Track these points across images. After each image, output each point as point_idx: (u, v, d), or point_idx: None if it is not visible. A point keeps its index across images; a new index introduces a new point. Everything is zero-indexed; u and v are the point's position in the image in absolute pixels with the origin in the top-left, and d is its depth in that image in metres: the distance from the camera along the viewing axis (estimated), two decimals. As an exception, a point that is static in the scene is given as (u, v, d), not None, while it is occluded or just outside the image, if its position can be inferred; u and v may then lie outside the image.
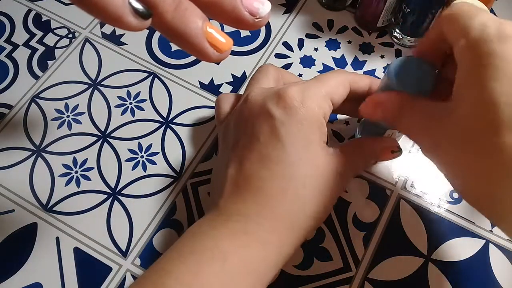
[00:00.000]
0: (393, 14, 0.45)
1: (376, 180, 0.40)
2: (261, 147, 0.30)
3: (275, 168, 0.29)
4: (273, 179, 0.29)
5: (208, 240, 0.28)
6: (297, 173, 0.29)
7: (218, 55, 0.21)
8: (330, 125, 0.43)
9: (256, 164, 0.29)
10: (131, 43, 0.46)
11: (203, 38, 0.20)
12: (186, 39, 0.20)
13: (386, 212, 0.39)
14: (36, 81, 0.44)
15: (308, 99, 0.30)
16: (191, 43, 0.20)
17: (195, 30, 0.20)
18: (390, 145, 0.35)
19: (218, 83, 0.44)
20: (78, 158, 0.40)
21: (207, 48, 0.20)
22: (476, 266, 0.37)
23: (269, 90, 0.32)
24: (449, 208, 0.39)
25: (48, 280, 0.36)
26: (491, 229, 0.38)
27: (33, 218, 0.38)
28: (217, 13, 0.21)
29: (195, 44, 0.20)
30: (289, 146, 0.29)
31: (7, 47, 0.46)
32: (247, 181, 0.29)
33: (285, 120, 0.29)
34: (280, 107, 0.30)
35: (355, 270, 0.37)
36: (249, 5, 0.21)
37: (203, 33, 0.20)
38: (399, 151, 0.35)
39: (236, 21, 0.21)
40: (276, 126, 0.29)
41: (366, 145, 0.34)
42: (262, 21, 0.21)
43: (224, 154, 0.33)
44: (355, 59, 0.46)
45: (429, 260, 0.37)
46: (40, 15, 0.48)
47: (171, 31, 0.20)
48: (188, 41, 0.20)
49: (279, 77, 0.37)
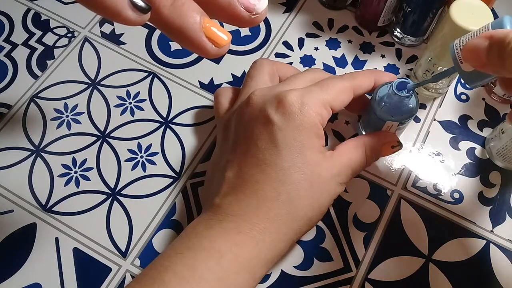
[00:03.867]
0: (394, 13, 0.45)
1: (376, 180, 0.40)
2: (258, 152, 0.31)
3: (270, 173, 0.30)
4: (267, 183, 0.30)
5: (204, 240, 0.29)
6: (290, 178, 0.30)
7: (217, 50, 0.21)
8: (330, 125, 0.42)
9: (253, 168, 0.30)
10: (131, 43, 0.46)
11: (201, 32, 0.20)
12: (184, 34, 0.20)
13: (386, 212, 0.39)
14: (35, 80, 0.44)
15: (307, 106, 0.31)
16: (189, 37, 0.20)
17: (192, 24, 0.19)
18: (390, 139, 0.35)
19: (218, 83, 0.44)
20: (78, 158, 0.40)
21: (205, 42, 0.20)
22: (477, 266, 0.37)
23: (269, 93, 0.33)
24: (449, 208, 0.39)
25: (48, 280, 0.35)
26: (492, 229, 0.38)
27: (32, 219, 0.38)
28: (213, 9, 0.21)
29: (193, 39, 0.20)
30: (285, 151, 0.30)
31: (6, 46, 0.45)
32: (244, 184, 0.30)
33: (282, 126, 0.30)
34: (279, 112, 0.31)
35: (355, 271, 0.36)
36: (245, 1, 0.20)
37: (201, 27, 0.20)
38: (399, 145, 0.36)
39: (232, 18, 0.21)
40: (274, 132, 0.30)
41: (367, 142, 0.35)
42: (259, 18, 0.21)
43: (222, 152, 0.34)
44: (355, 59, 0.46)
45: (429, 261, 0.37)
46: (39, 14, 0.48)
47: (169, 26, 0.20)
48: (186, 36, 0.20)
49: (274, 71, 0.37)
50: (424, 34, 0.45)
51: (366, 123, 0.39)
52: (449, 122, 0.43)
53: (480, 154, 0.41)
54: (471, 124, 0.43)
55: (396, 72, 0.45)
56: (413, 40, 0.45)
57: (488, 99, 0.44)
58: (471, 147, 0.41)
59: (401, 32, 0.45)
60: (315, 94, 0.32)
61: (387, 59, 0.46)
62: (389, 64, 0.45)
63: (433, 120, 0.43)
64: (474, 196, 0.39)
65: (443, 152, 0.41)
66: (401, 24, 0.44)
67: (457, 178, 0.40)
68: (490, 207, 0.39)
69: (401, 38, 0.46)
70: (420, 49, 0.46)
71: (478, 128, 0.42)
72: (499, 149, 0.39)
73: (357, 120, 0.42)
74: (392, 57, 0.46)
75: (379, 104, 0.35)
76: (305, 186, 0.30)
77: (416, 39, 0.45)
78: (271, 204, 0.30)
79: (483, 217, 0.38)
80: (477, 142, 0.42)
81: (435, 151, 0.41)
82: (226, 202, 0.31)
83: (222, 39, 0.20)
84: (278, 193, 0.30)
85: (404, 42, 0.46)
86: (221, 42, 0.20)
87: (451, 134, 0.42)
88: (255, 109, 0.32)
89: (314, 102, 0.31)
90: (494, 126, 0.42)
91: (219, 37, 0.20)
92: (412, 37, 0.45)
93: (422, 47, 0.46)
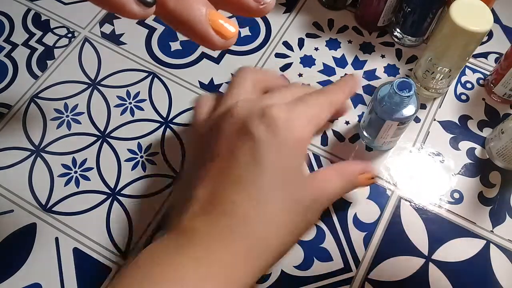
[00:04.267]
0: (394, 13, 0.45)
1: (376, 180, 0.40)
2: (238, 169, 0.28)
3: (248, 192, 0.27)
4: (244, 203, 0.27)
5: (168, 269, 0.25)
6: (270, 198, 0.28)
7: (224, 42, 0.20)
8: (330, 125, 0.42)
9: (229, 187, 0.28)
10: (131, 43, 0.46)
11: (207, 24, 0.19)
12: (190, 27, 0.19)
13: (386, 212, 0.39)
14: (35, 80, 0.44)
15: (292, 121, 0.29)
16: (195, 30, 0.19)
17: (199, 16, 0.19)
18: (368, 170, 0.34)
19: (218, 83, 0.44)
20: (78, 158, 0.40)
21: (212, 35, 0.20)
22: (477, 266, 0.37)
23: (254, 105, 0.30)
24: (449, 208, 0.39)
25: (48, 280, 0.35)
26: (492, 229, 0.38)
27: (32, 219, 0.38)
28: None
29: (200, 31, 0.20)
30: (267, 170, 0.28)
31: (6, 46, 0.46)
32: (217, 204, 0.27)
33: (265, 142, 0.28)
34: (263, 127, 0.28)
35: (355, 271, 0.36)
36: None
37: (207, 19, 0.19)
38: (376, 177, 0.35)
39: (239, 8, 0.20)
40: (256, 148, 0.28)
41: (345, 171, 0.33)
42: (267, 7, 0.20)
43: (196, 166, 0.31)
44: (355, 59, 0.46)
45: (429, 261, 0.37)
46: (39, 14, 0.48)
47: (175, 19, 0.19)
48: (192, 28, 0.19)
49: (258, 80, 0.35)
50: (424, 34, 0.45)
51: (366, 123, 0.39)
52: (449, 122, 0.43)
53: (480, 154, 0.41)
54: (471, 124, 0.43)
55: (396, 72, 0.45)
56: (413, 40, 0.45)
57: (488, 99, 0.44)
58: (471, 147, 0.41)
59: (401, 32, 0.45)
60: (301, 109, 0.30)
61: (387, 59, 0.46)
62: (389, 64, 0.46)
63: (433, 120, 0.43)
64: (474, 196, 0.39)
65: (443, 152, 0.41)
66: (401, 24, 0.44)
67: (457, 178, 0.40)
68: (490, 207, 0.39)
69: (401, 38, 0.46)
70: (420, 49, 0.46)
71: (478, 128, 0.42)
72: (499, 149, 0.39)
73: (357, 120, 0.43)
74: (392, 57, 0.46)
75: (379, 104, 0.35)
76: (285, 207, 0.28)
77: (416, 39, 0.45)
78: (249, 227, 0.27)
79: (483, 217, 0.38)
80: (477, 142, 0.42)
81: (435, 151, 0.41)
82: (196, 224, 0.27)
83: (229, 31, 0.20)
84: (257, 214, 0.27)
85: (404, 42, 0.46)
86: (228, 34, 0.20)
87: (451, 134, 0.42)
88: (237, 121, 0.29)
89: (300, 117, 0.29)
90: (494, 126, 0.42)
91: (225, 29, 0.20)
92: (412, 37, 0.45)
93: (422, 47, 0.46)
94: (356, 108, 0.43)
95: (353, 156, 0.41)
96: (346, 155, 0.41)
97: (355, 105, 0.43)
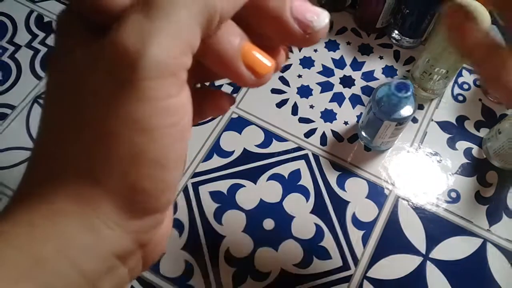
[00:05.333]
0: (392, 15, 0.45)
1: (374, 179, 0.40)
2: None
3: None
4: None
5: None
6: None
7: (256, 80, 0.17)
8: (330, 125, 0.43)
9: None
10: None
11: (238, 59, 0.16)
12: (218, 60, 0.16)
13: (384, 211, 0.39)
14: (38, 81, 0.44)
15: (151, 46, 0.18)
16: (223, 64, 0.16)
17: (231, 50, 0.16)
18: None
19: (218, 83, 0.45)
20: (80, 158, 0.41)
21: (242, 71, 0.16)
22: (474, 264, 0.37)
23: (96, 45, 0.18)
24: (447, 207, 0.39)
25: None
26: (489, 228, 0.39)
27: (35, 217, 0.38)
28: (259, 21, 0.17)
29: (228, 66, 0.16)
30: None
31: (9, 48, 0.46)
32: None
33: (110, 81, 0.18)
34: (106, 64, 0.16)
35: (354, 269, 0.37)
36: (299, 15, 0.16)
37: (238, 53, 0.16)
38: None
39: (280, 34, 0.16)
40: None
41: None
42: (316, 36, 0.17)
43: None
44: (354, 60, 0.46)
45: (427, 259, 0.37)
46: (42, 16, 0.48)
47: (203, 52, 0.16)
48: (220, 61, 0.16)
49: None
50: (422, 35, 0.46)
51: (365, 123, 0.40)
52: (446, 122, 0.43)
53: (477, 154, 0.42)
54: (468, 124, 0.43)
55: (394, 74, 0.46)
56: (411, 41, 0.46)
57: (485, 100, 0.44)
58: (468, 147, 0.42)
59: (399, 33, 0.46)
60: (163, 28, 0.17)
61: (385, 61, 0.46)
62: (387, 66, 0.46)
63: (430, 120, 0.43)
64: (471, 195, 0.40)
65: (440, 152, 0.42)
66: (399, 26, 0.45)
67: (454, 178, 0.41)
68: (487, 206, 0.39)
69: (399, 39, 0.46)
70: (418, 51, 0.47)
71: (475, 129, 0.43)
72: (496, 149, 0.40)
73: (356, 120, 0.43)
74: (390, 59, 0.46)
75: (378, 104, 0.36)
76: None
77: (414, 41, 0.46)
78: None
79: (480, 216, 0.39)
80: (474, 142, 0.42)
81: (432, 151, 0.42)
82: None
83: (263, 66, 0.17)
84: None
85: (402, 44, 0.47)
86: (261, 70, 0.17)
87: (448, 134, 0.43)
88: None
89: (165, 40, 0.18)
90: (491, 127, 0.42)
91: (259, 65, 0.17)
92: (410, 38, 0.46)
93: (420, 48, 0.47)
94: (354, 109, 0.44)
95: (352, 156, 0.41)
96: (345, 155, 0.41)
97: (354, 106, 0.44)
